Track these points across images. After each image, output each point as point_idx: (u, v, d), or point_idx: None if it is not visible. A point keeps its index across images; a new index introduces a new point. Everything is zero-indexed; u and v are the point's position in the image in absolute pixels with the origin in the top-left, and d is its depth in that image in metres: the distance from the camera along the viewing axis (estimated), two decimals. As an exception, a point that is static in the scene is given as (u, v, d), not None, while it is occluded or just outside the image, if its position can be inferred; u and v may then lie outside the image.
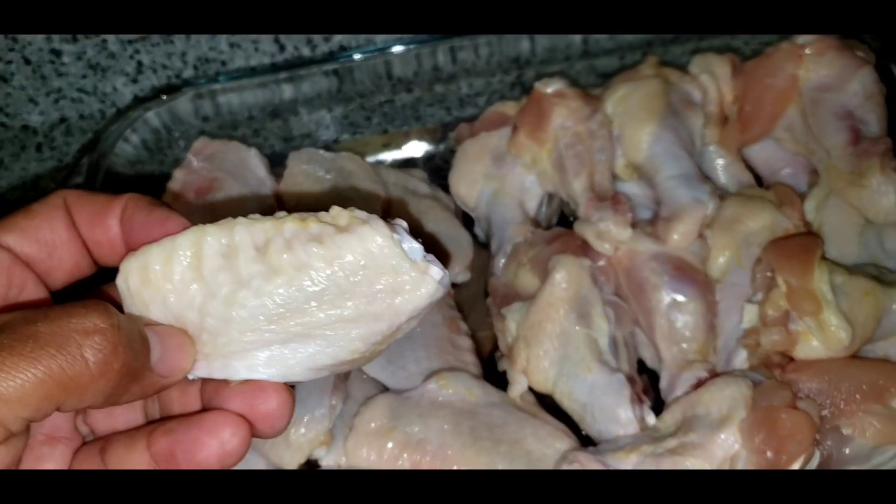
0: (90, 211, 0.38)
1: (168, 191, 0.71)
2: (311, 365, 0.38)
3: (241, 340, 0.37)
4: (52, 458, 0.38)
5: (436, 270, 0.36)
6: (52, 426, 0.38)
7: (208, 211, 0.68)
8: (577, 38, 0.86)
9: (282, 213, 0.38)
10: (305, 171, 0.72)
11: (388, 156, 0.84)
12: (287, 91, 0.85)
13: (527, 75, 0.87)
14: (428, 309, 0.37)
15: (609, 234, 0.63)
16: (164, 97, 0.80)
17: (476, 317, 0.70)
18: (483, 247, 0.73)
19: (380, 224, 0.36)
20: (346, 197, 0.69)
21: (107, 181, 0.75)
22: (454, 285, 0.71)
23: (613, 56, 0.87)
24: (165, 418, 0.39)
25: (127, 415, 0.40)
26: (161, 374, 0.35)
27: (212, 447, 0.35)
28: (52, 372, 0.31)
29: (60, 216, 0.38)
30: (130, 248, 0.37)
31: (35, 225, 0.37)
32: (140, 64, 0.90)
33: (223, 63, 0.90)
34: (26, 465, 0.36)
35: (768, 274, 0.57)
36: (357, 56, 0.84)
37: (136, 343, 0.34)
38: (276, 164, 0.78)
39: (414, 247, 0.36)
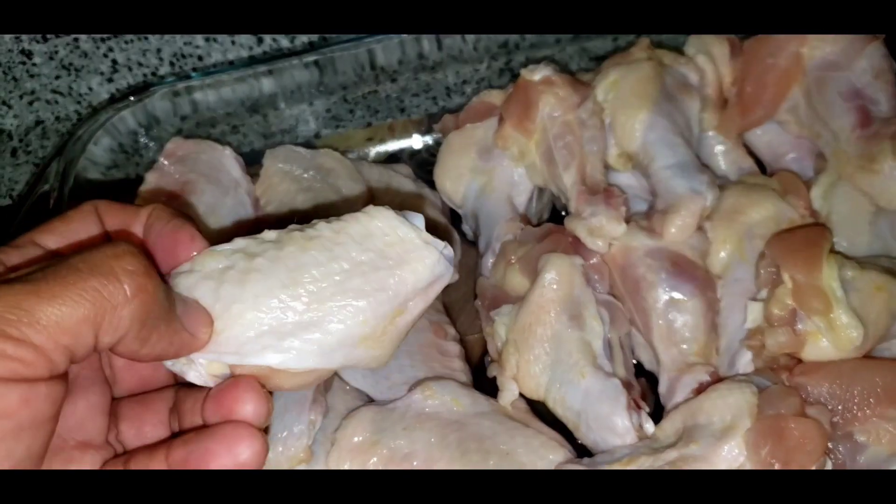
0: (120, 219, 0.41)
1: (139, 195, 0.67)
2: (323, 346, 0.39)
3: (254, 324, 0.38)
4: (81, 462, 0.39)
5: (438, 242, 0.40)
6: (86, 433, 0.39)
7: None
8: (568, 20, 0.82)
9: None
10: (282, 171, 0.68)
11: (373, 149, 0.81)
12: (266, 85, 0.81)
13: (516, 61, 0.83)
14: (434, 287, 0.40)
15: (602, 229, 0.59)
16: (132, 98, 0.76)
17: (465, 319, 0.66)
18: (472, 245, 0.70)
19: (387, 209, 0.40)
20: (325, 198, 0.65)
21: (78, 188, 0.71)
22: (440, 287, 0.67)
23: (606, 38, 0.82)
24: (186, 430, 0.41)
25: (155, 430, 0.42)
26: (186, 325, 0.37)
27: (224, 458, 0.37)
28: (88, 292, 0.32)
29: (93, 221, 0.41)
30: (153, 251, 0.40)
31: (70, 228, 0.40)
32: (115, 62, 0.86)
33: (200, 58, 0.87)
34: (55, 465, 0.38)
35: (772, 270, 0.53)
36: (339, 46, 0.81)
37: (162, 287, 0.36)
38: (256, 161, 0.75)
39: (419, 225, 0.40)
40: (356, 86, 0.82)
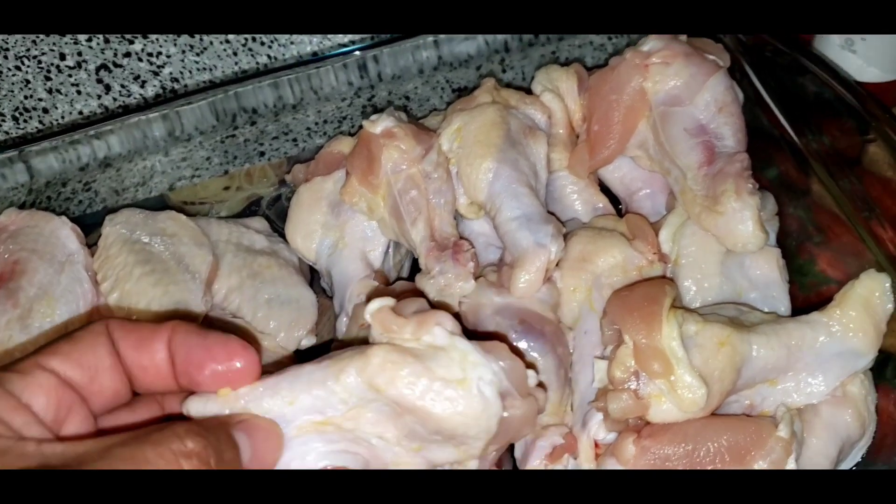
0: (136, 338, 0.39)
1: (-32, 278, 0.63)
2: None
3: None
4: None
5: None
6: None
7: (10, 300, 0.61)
8: (431, 52, 0.79)
9: None
10: (123, 238, 0.64)
11: (231, 198, 0.77)
12: (117, 137, 0.77)
13: (379, 96, 0.80)
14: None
15: (450, 288, 0.57)
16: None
17: (325, 384, 0.63)
18: (332, 300, 0.66)
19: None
20: (163, 270, 0.62)
21: None
22: (298, 352, 0.64)
23: (469, 67, 0.80)
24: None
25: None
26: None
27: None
28: None
29: (103, 342, 0.39)
30: (181, 372, 0.39)
31: (79, 350, 0.38)
32: (-49, 121, 0.81)
33: (45, 111, 0.82)
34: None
35: (616, 328, 0.52)
36: (194, 95, 0.77)
37: (227, 454, 0.35)
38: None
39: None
40: (213, 131, 0.79)
